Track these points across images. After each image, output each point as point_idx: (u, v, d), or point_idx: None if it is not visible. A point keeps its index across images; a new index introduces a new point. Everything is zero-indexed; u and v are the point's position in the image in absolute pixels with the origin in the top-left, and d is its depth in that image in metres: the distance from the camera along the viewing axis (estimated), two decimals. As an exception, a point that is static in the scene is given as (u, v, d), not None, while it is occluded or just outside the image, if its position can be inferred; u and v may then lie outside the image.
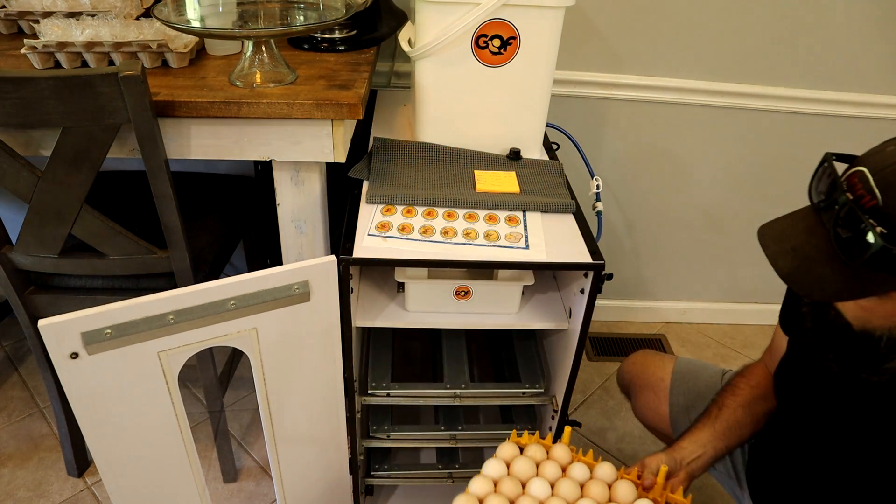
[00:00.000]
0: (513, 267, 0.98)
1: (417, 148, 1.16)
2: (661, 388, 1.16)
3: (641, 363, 1.23)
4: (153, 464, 0.92)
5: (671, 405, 1.13)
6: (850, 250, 0.67)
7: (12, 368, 1.68)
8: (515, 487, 0.84)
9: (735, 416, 0.97)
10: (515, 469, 0.88)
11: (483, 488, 0.84)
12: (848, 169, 0.70)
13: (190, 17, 1.00)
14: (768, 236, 0.74)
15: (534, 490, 0.84)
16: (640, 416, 1.21)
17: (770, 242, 0.73)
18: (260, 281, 0.83)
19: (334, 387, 1.01)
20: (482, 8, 1.03)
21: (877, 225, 0.64)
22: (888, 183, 0.64)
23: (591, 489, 0.85)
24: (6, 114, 0.88)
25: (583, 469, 0.89)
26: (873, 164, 0.67)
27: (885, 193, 0.64)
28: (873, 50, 1.50)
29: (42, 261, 1.08)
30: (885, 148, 0.68)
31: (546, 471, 0.88)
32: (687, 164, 1.68)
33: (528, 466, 0.88)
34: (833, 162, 0.74)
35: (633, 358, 1.26)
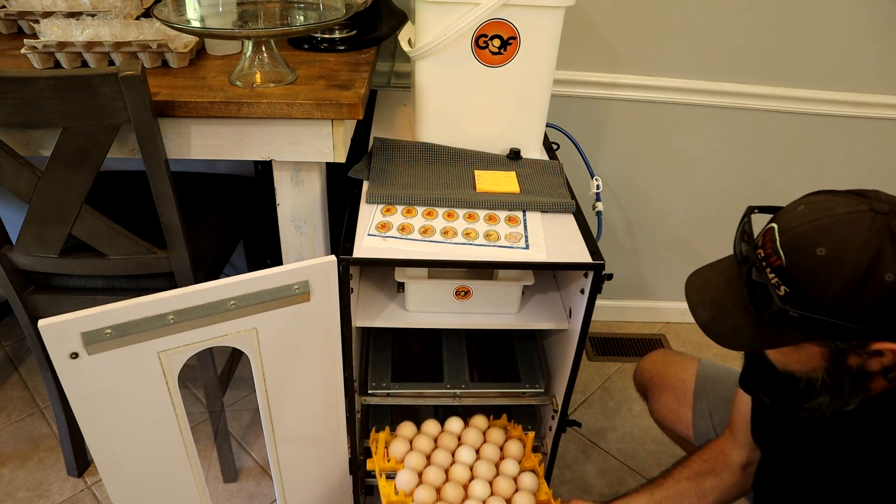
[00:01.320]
0: (513, 267, 0.98)
1: (417, 148, 1.16)
2: (683, 390, 1.15)
3: (663, 363, 1.21)
4: (153, 464, 0.92)
5: (695, 409, 1.13)
6: (759, 306, 0.71)
7: (12, 368, 1.68)
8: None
9: (678, 488, 1.00)
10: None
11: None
12: (766, 224, 0.73)
13: (190, 17, 1.00)
14: (692, 286, 0.79)
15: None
16: (658, 416, 1.20)
17: (692, 293, 0.78)
18: (260, 281, 0.83)
19: (334, 387, 1.01)
20: (482, 8, 1.03)
21: (781, 284, 0.68)
22: (791, 246, 0.67)
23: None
24: (6, 114, 0.88)
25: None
26: (784, 222, 0.70)
27: (788, 255, 0.67)
28: (873, 50, 1.50)
29: (42, 261, 1.08)
30: (796, 206, 0.71)
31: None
32: (687, 164, 1.68)
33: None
34: (752, 216, 0.78)
35: (652, 357, 1.25)
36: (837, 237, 0.65)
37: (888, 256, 0.63)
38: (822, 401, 0.74)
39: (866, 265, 0.63)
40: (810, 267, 0.66)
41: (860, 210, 0.66)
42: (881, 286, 0.63)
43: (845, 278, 0.64)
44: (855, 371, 0.71)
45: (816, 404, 0.75)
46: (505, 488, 1.06)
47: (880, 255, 0.63)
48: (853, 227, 0.65)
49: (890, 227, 0.64)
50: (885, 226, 0.64)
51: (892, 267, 0.63)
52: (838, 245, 0.65)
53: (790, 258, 0.67)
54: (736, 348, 0.76)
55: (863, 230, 0.64)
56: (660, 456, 1.54)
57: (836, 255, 0.65)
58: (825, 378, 0.72)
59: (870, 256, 0.63)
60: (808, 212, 0.69)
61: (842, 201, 0.68)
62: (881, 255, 0.63)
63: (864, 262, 0.63)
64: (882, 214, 0.65)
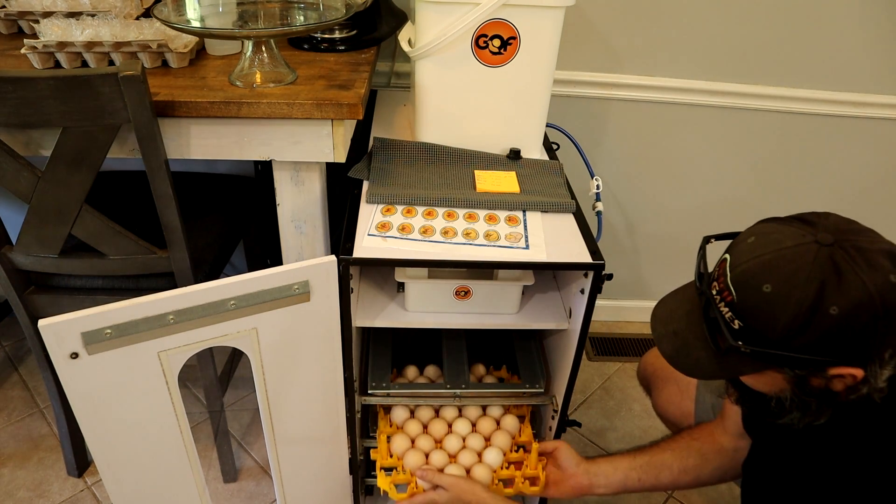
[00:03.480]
0: (513, 267, 0.98)
1: (417, 148, 1.16)
2: (686, 383, 1.16)
3: None
4: (153, 464, 0.92)
5: (697, 401, 1.13)
6: (716, 340, 0.73)
7: (12, 368, 1.68)
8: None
9: (661, 457, 1.03)
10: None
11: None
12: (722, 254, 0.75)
13: (190, 17, 1.00)
14: (657, 318, 0.82)
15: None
16: (661, 410, 1.21)
17: (658, 325, 0.81)
18: (260, 281, 0.83)
19: (334, 387, 1.01)
20: (482, 8, 1.03)
21: (735, 318, 0.70)
22: (740, 282, 0.69)
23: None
24: (6, 114, 0.88)
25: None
26: (735, 256, 0.72)
27: (738, 292, 0.69)
28: (873, 50, 1.50)
29: (42, 261, 1.08)
30: (747, 238, 0.73)
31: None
32: (687, 164, 1.68)
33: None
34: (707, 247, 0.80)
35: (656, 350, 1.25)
36: (782, 273, 0.66)
37: (832, 290, 0.64)
38: (793, 416, 0.76)
39: (811, 300, 0.65)
40: (758, 304, 0.68)
41: (805, 243, 0.67)
42: (827, 319, 0.64)
43: (792, 314, 0.65)
44: (820, 391, 0.72)
45: (789, 419, 0.77)
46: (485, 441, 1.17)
47: (824, 289, 0.64)
48: (797, 262, 0.66)
49: (833, 260, 0.65)
50: (829, 258, 0.65)
51: (836, 300, 0.64)
52: (783, 281, 0.66)
53: (740, 294, 0.69)
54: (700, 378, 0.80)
55: (807, 264, 0.65)
56: (660, 456, 1.54)
57: (782, 292, 0.66)
58: (793, 398, 0.74)
59: (814, 292, 0.64)
60: (756, 245, 0.70)
61: (788, 233, 0.69)
62: (825, 290, 0.64)
63: (809, 298, 0.65)
64: (826, 246, 0.66)
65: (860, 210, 1.73)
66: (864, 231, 0.69)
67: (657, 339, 0.80)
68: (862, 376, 0.68)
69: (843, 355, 0.67)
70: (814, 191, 1.71)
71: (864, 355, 0.67)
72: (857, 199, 1.73)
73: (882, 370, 0.68)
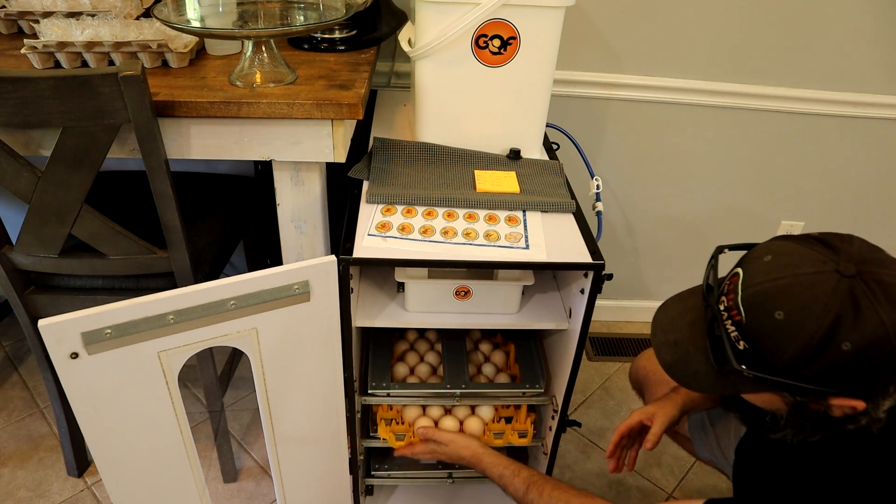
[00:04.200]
0: (513, 267, 0.98)
1: (417, 148, 1.16)
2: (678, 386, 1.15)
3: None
4: (153, 464, 0.92)
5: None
6: (718, 358, 0.70)
7: (12, 368, 1.68)
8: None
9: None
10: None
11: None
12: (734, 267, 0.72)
13: (190, 17, 1.00)
14: (659, 324, 0.79)
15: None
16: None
17: (658, 332, 0.79)
18: (260, 281, 0.83)
19: (334, 387, 1.01)
20: (482, 8, 1.03)
21: (741, 339, 0.67)
22: (751, 304, 0.66)
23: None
24: (6, 114, 0.88)
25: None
26: (748, 273, 0.68)
27: (747, 313, 0.66)
28: (873, 50, 1.50)
29: (42, 261, 1.08)
30: (763, 255, 0.69)
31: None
32: (687, 164, 1.68)
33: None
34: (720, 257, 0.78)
35: (648, 353, 1.26)
36: (797, 301, 0.63)
37: (847, 325, 0.61)
38: (787, 432, 0.75)
39: (823, 333, 0.62)
40: (767, 330, 0.65)
41: (825, 271, 0.63)
42: (837, 354, 0.62)
43: (802, 345, 0.63)
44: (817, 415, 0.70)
45: (782, 435, 0.75)
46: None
47: (839, 323, 0.61)
48: (815, 291, 0.63)
49: (853, 293, 0.62)
50: (849, 291, 0.62)
51: (850, 336, 0.61)
52: (797, 309, 0.63)
53: (749, 316, 0.66)
54: (696, 391, 0.77)
55: (825, 294, 0.62)
56: (660, 456, 1.54)
57: (794, 321, 0.63)
58: (788, 418, 0.73)
59: (828, 324, 0.62)
60: (773, 266, 0.67)
61: (809, 256, 0.66)
62: (840, 324, 0.61)
63: (822, 331, 0.62)
64: (847, 277, 0.62)
65: (860, 210, 1.74)
66: (889, 262, 0.65)
67: (656, 346, 0.78)
68: (863, 408, 0.66)
69: (847, 388, 0.65)
70: (814, 191, 1.71)
71: (869, 390, 0.65)
72: (857, 199, 1.73)
73: (884, 402, 0.66)
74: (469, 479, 1.30)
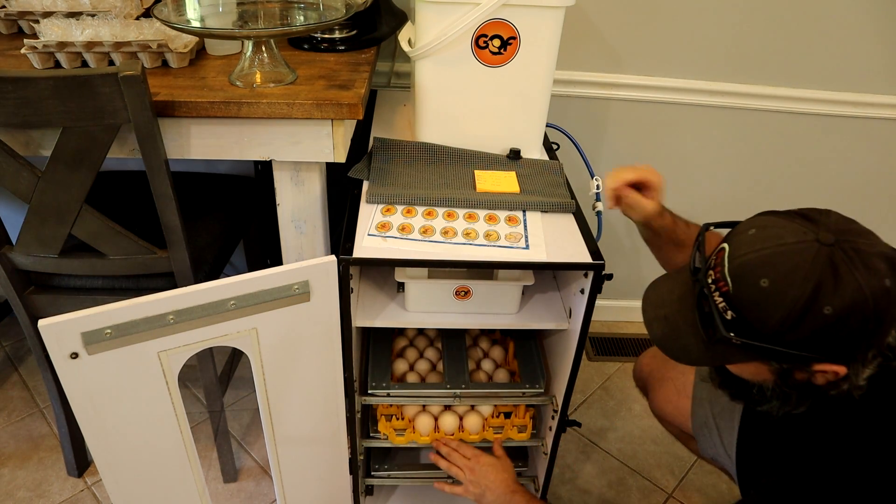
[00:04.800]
0: (513, 267, 0.98)
1: (417, 148, 1.16)
2: (683, 382, 1.16)
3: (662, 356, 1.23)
4: (153, 464, 0.92)
5: (694, 399, 1.13)
6: (707, 329, 0.73)
7: (12, 368, 1.68)
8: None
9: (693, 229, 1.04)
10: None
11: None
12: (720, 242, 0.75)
13: (190, 17, 1.00)
14: (649, 300, 0.82)
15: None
16: (658, 409, 1.21)
17: (648, 308, 0.82)
18: (260, 281, 0.83)
19: (334, 387, 1.01)
20: (482, 8, 1.03)
21: (728, 309, 0.70)
22: (737, 274, 0.70)
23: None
24: (6, 114, 0.88)
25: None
26: (734, 246, 0.72)
27: (734, 283, 0.70)
28: (873, 50, 1.50)
29: (42, 261, 1.08)
30: (747, 229, 0.73)
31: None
32: (687, 164, 1.68)
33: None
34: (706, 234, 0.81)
35: (651, 351, 1.26)
36: (780, 269, 0.67)
37: (828, 290, 0.65)
38: (773, 404, 0.78)
39: (806, 298, 0.65)
40: (754, 297, 0.68)
41: (806, 240, 0.67)
42: (820, 318, 0.65)
43: (786, 310, 0.66)
44: (802, 384, 0.73)
45: (769, 407, 0.79)
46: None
47: (820, 288, 0.65)
48: (796, 259, 0.66)
49: (832, 260, 0.66)
50: (828, 258, 0.66)
51: (831, 300, 0.65)
52: (781, 277, 0.67)
53: (736, 286, 0.70)
54: (686, 363, 0.80)
55: (805, 262, 0.66)
56: (660, 456, 1.54)
57: (778, 288, 0.67)
58: (774, 388, 0.76)
59: (810, 290, 0.65)
60: (757, 238, 0.70)
61: (790, 228, 0.69)
62: (821, 289, 0.65)
63: (805, 296, 0.65)
64: (826, 245, 0.66)
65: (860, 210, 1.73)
66: (864, 233, 0.69)
67: (647, 322, 0.81)
68: (844, 373, 0.70)
69: (829, 353, 0.68)
70: (814, 191, 1.71)
71: (850, 354, 0.69)
72: (857, 199, 1.73)
73: (864, 369, 0.70)
74: (469, 479, 1.30)
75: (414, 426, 1.18)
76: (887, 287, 0.65)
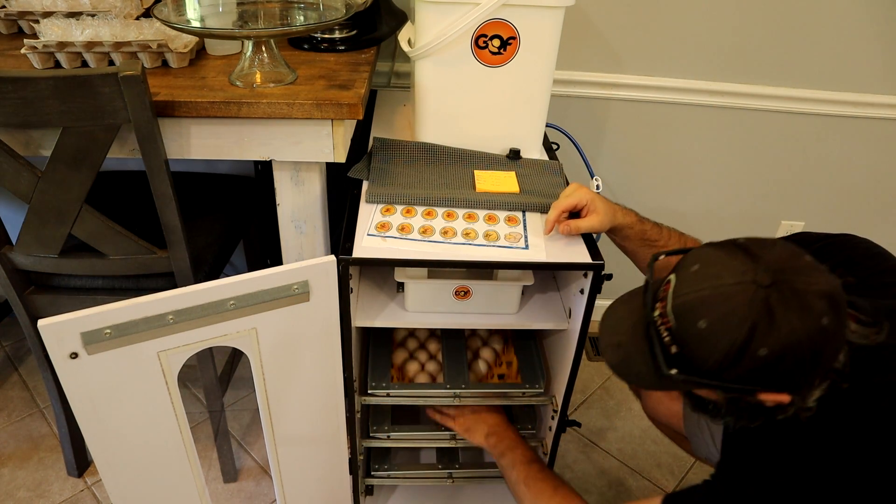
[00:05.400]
0: (512, 267, 0.98)
1: (417, 148, 1.16)
2: None
3: None
4: (153, 464, 0.92)
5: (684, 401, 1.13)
6: (654, 359, 0.75)
7: (12, 368, 1.69)
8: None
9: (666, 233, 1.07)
10: None
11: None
12: (669, 272, 0.76)
13: (190, 17, 1.00)
14: (605, 326, 0.84)
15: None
16: (652, 411, 1.21)
17: (605, 334, 0.83)
18: (259, 281, 0.83)
19: (334, 387, 1.01)
20: (482, 8, 1.03)
21: (672, 343, 0.72)
22: (679, 313, 0.71)
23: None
24: (6, 114, 0.88)
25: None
26: (678, 282, 0.73)
27: (676, 321, 0.72)
28: (873, 50, 1.50)
29: (42, 261, 1.08)
30: (692, 264, 0.74)
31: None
32: (687, 164, 1.68)
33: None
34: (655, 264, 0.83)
35: None
36: (718, 311, 0.68)
37: (762, 333, 0.66)
38: (728, 419, 0.79)
39: (742, 341, 0.67)
40: (693, 337, 0.70)
41: (744, 281, 0.68)
42: (756, 359, 0.67)
43: (723, 352, 0.68)
44: (752, 406, 0.75)
45: (725, 421, 0.81)
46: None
47: (755, 331, 0.67)
48: (733, 302, 0.68)
49: (768, 302, 0.67)
50: (764, 300, 0.67)
51: (766, 342, 0.66)
52: (718, 320, 0.68)
53: (678, 324, 0.71)
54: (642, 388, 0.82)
55: (742, 305, 0.67)
56: (660, 456, 1.54)
57: (715, 330, 0.68)
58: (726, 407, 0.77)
59: (745, 333, 0.67)
60: (698, 276, 0.72)
61: (730, 267, 0.70)
62: (755, 332, 0.67)
63: (741, 338, 0.67)
64: (763, 287, 0.67)
65: (860, 210, 1.74)
66: (806, 270, 0.70)
67: (602, 348, 0.83)
68: (788, 401, 0.71)
69: (770, 385, 0.70)
70: (814, 191, 1.71)
71: (792, 386, 0.70)
72: (857, 199, 1.73)
73: (810, 394, 0.72)
74: (469, 479, 1.30)
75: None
76: (824, 325, 0.66)
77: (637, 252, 1.07)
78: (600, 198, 1.00)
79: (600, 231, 1.01)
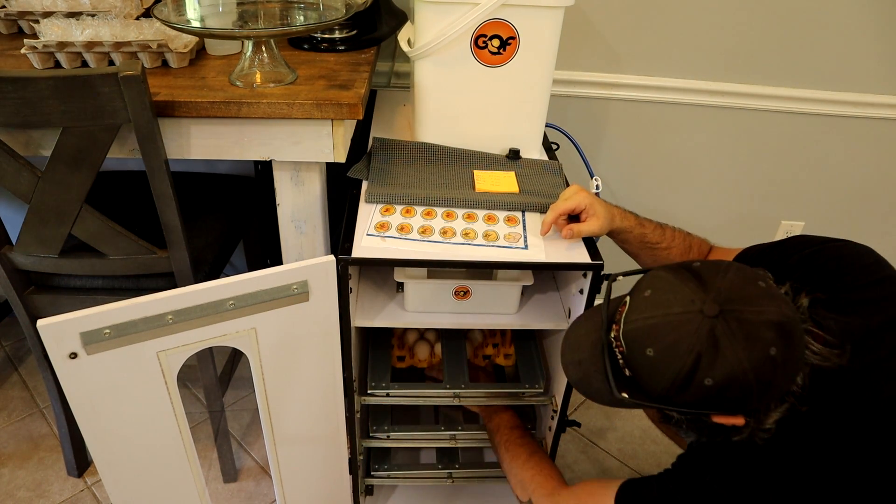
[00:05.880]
0: (512, 267, 0.98)
1: (417, 148, 1.16)
2: None
3: None
4: (153, 464, 0.92)
5: None
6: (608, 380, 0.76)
7: (12, 368, 1.69)
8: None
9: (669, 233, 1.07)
10: None
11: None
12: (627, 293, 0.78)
13: (190, 17, 1.00)
14: (568, 342, 0.85)
15: None
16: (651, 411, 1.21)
17: (567, 351, 0.85)
18: (259, 281, 0.83)
19: (334, 387, 1.01)
20: (481, 8, 1.03)
21: (626, 367, 0.74)
22: (629, 339, 0.73)
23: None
24: (6, 114, 0.88)
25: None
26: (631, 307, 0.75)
27: (627, 346, 0.73)
28: (873, 50, 1.50)
29: (42, 261, 1.08)
30: (645, 288, 0.75)
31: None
32: (687, 164, 1.68)
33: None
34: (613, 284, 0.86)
35: None
36: (665, 340, 0.70)
37: (707, 364, 0.67)
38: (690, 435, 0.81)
39: (687, 371, 0.68)
40: (642, 364, 0.72)
41: (691, 311, 0.69)
42: (702, 388, 0.68)
43: (669, 381, 0.70)
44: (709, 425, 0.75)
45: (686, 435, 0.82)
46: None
47: (699, 362, 0.68)
48: (680, 332, 0.69)
49: (714, 333, 0.67)
50: (710, 331, 0.68)
51: (711, 373, 0.67)
52: (664, 349, 0.70)
53: (629, 349, 0.73)
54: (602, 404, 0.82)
55: (689, 335, 0.68)
56: (660, 456, 1.54)
57: (662, 359, 0.70)
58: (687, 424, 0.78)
59: (690, 364, 0.68)
60: (649, 303, 0.73)
61: (680, 294, 0.71)
62: (700, 362, 0.68)
63: (686, 368, 0.68)
64: (710, 318, 0.68)
65: (860, 210, 1.74)
66: (757, 298, 0.70)
67: (564, 365, 0.84)
68: (743, 423, 0.72)
69: (721, 410, 0.71)
70: (814, 191, 1.71)
71: (744, 410, 0.71)
72: (857, 199, 1.73)
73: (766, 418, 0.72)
74: (469, 479, 1.30)
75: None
76: (771, 356, 0.67)
77: (638, 255, 1.07)
78: (599, 201, 0.99)
79: (599, 235, 1.01)
